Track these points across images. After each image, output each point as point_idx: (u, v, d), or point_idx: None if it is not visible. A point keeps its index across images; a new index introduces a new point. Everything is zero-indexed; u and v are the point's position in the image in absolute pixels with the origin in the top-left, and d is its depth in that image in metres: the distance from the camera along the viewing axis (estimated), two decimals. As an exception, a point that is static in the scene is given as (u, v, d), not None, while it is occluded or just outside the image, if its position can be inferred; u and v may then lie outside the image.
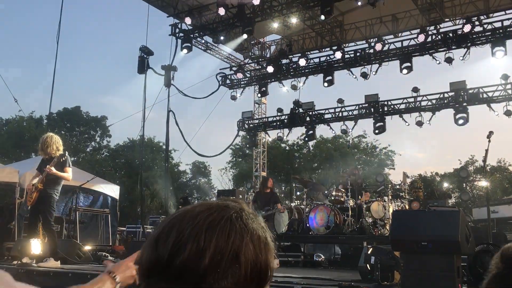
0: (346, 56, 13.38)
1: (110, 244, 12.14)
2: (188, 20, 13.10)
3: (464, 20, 11.57)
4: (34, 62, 69.62)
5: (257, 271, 0.84)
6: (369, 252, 5.07)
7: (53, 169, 6.57)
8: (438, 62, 12.29)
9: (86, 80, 70.18)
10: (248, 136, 16.69)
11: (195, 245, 0.80)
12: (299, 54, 14.02)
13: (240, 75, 15.02)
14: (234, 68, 15.62)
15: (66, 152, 6.79)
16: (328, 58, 13.90)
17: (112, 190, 13.96)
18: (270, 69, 13.93)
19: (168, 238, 0.83)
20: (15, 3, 64.46)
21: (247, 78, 15.74)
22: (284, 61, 14.55)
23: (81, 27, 72.58)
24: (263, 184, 10.17)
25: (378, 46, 12.34)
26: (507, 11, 11.97)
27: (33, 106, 64.85)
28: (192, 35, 13.80)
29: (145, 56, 12.47)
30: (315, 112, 14.92)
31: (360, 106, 14.18)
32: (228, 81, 15.60)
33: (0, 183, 11.11)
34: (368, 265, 5.04)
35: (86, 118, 39.41)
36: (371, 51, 13.03)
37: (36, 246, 6.67)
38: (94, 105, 75.06)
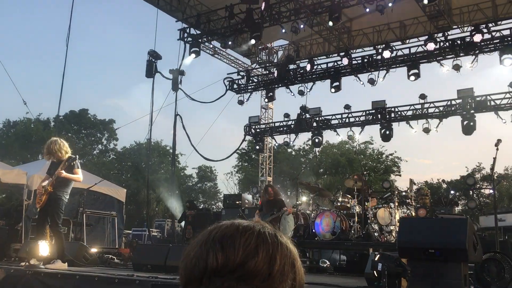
0: (354, 62, 13.38)
1: (116, 246, 12.19)
2: (196, 25, 13.17)
3: (472, 27, 11.55)
4: (43, 64, 70.10)
5: (300, 282, 0.97)
6: (376, 259, 5.05)
7: (64, 173, 6.61)
8: (446, 69, 12.28)
9: (93, 83, 70.58)
10: (254, 141, 16.72)
11: (264, 252, 0.92)
12: (307, 60, 14.04)
13: (247, 80, 15.06)
14: (241, 73, 15.68)
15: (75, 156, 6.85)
16: (335, 64, 13.90)
17: (118, 193, 14.03)
18: (277, 74, 13.96)
19: (235, 243, 0.91)
20: (25, 5, 65.06)
21: (254, 83, 15.77)
22: (291, 66, 14.58)
23: (90, 30, 73.05)
24: (264, 192, 10.14)
25: (387, 54, 12.32)
26: (516, 19, 11.95)
27: (40, 108, 65.27)
28: (200, 40, 13.87)
29: (153, 60, 12.56)
30: (322, 117, 14.92)
31: (367, 112, 14.16)
32: (235, 86, 15.64)
33: (8, 185, 11.19)
34: (375, 271, 5.02)
35: (93, 121, 39.58)
36: (379, 57, 13.03)
37: (43, 248, 6.70)
38: (101, 108, 75.44)
